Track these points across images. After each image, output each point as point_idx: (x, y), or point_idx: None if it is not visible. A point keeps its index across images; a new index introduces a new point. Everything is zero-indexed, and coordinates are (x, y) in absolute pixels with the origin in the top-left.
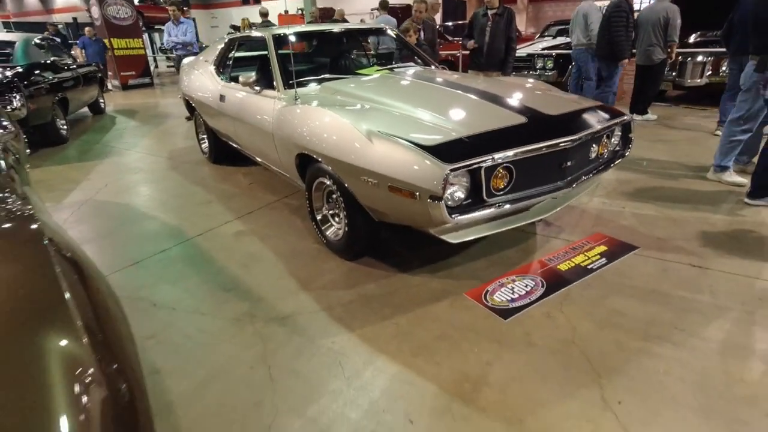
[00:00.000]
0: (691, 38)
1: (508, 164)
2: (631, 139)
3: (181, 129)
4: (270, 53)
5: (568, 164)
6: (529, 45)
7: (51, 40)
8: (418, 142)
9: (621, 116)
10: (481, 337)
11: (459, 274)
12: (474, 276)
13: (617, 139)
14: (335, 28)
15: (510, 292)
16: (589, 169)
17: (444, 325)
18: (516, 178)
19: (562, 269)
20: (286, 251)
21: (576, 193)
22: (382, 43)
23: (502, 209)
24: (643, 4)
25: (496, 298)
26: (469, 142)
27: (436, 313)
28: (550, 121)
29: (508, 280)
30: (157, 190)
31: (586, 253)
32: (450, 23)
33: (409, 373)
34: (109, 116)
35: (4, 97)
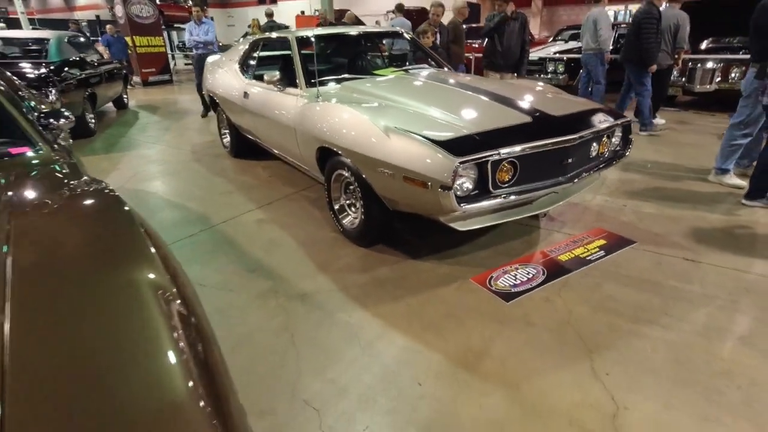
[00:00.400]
0: (703, 45)
1: (513, 159)
2: (631, 140)
3: (205, 125)
4: (293, 54)
5: (569, 161)
6: (541, 49)
7: (80, 38)
8: (430, 137)
9: (621, 118)
10: (485, 317)
11: (466, 262)
12: (480, 264)
13: (618, 140)
14: (352, 31)
15: (513, 279)
16: (590, 167)
17: (451, 306)
18: (520, 172)
19: (563, 260)
20: (304, 238)
21: (577, 189)
22: (396, 44)
23: (507, 200)
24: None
25: (500, 283)
26: (478, 138)
27: (444, 295)
28: (554, 121)
29: (511, 267)
30: (182, 181)
31: (585, 246)
32: (464, 26)
33: (418, 344)
34: (132, 111)
35: (41, 91)
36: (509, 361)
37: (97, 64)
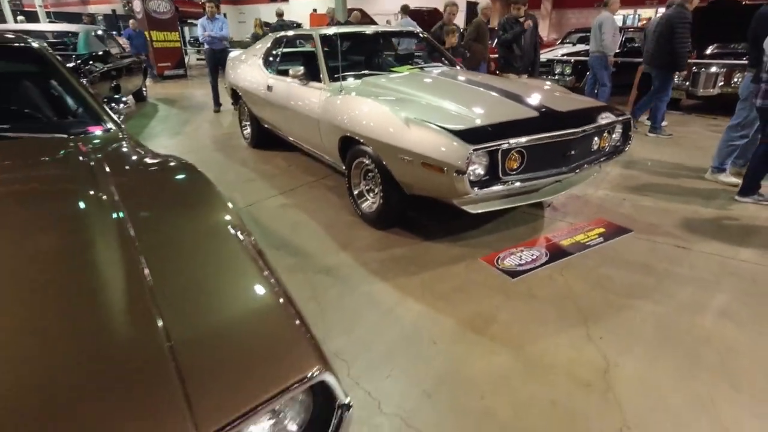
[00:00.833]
0: (708, 50)
1: (521, 149)
2: (631, 136)
3: (221, 119)
4: (317, 50)
5: (572, 153)
6: (549, 51)
7: (106, 32)
8: (447, 127)
9: (621, 115)
10: (492, 291)
11: (475, 244)
12: (488, 246)
13: (618, 136)
14: (370, 30)
15: (518, 259)
16: (591, 159)
17: (461, 281)
18: (527, 161)
19: (565, 244)
20: (326, 221)
21: (578, 180)
22: (402, 44)
23: (514, 187)
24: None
25: (506, 262)
26: (489, 129)
27: (455, 272)
28: (559, 116)
29: (517, 250)
30: (206, 169)
31: (586, 233)
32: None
33: (432, 311)
34: (150, 104)
35: None
36: (514, 327)
37: (120, 57)
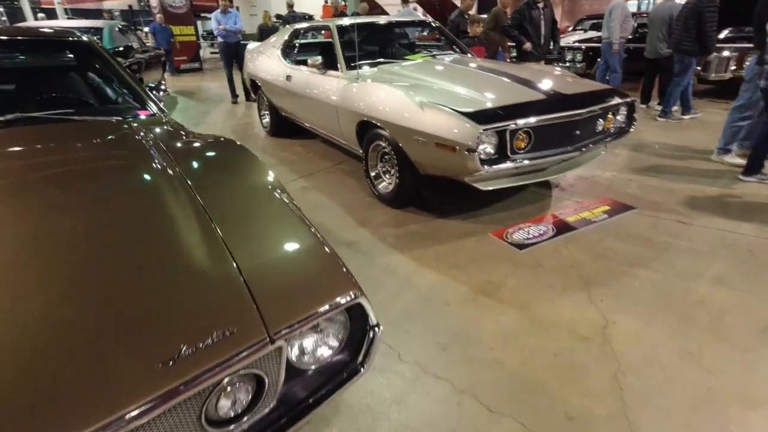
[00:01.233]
0: (722, 34)
1: (528, 129)
2: (635, 118)
3: (239, 109)
4: (334, 40)
5: (577, 133)
6: (561, 38)
7: (126, 27)
8: (458, 110)
9: (625, 98)
10: (501, 261)
11: (485, 221)
12: (498, 222)
13: (622, 117)
14: (381, 20)
15: (526, 234)
16: (596, 139)
17: (473, 252)
18: (534, 141)
19: (570, 220)
20: (344, 201)
21: (584, 160)
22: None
23: (522, 165)
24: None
25: (515, 237)
26: (498, 110)
27: (467, 245)
28: (565, 98)
29: (525, 225)
30: None
31: (592, 210)
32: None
33: (446, 278)
34: (170, 97)
35: None
36: (521, 291)
37: (141, 51)
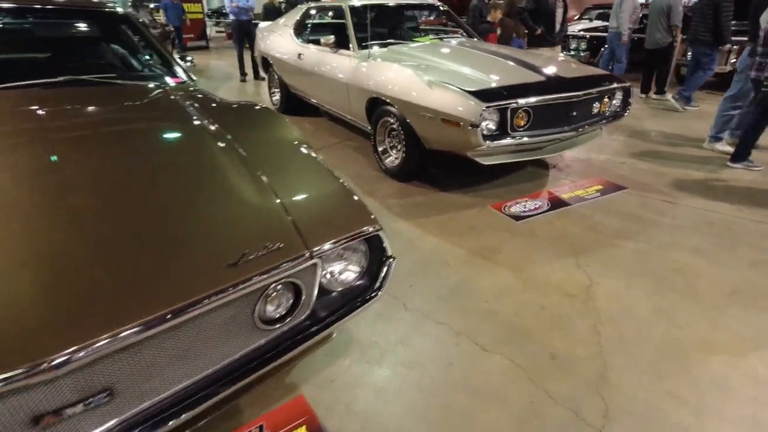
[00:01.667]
0: None
1: (528, 108)
2: (630, 103)
3: (248, 87)
4: (347, 20)
5: (574, 114)
6: (567, 26)
7: (137, 3)
8: (463, 88)
9: (621, 83)
10: (499, 230)
11: (486, 195)
12: (497, 197)
13: (618, 102)
14: (391, 3)
15: (523, 207)
16: (591, 121)
17: (472, 221)
18: (533, 120)
19: (565, 197)
20: (352, 174)
21: (580, 141)
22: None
23: (521, 142)
24: None
25: (512, 209)
26: (500, 90)
27: (467, 215)
28: (564, 81)
29: (522, 200)
30: None
31: (585, 189)
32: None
33: (447, 243)
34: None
35: None
36: (515, 256)
37: (151, 26)
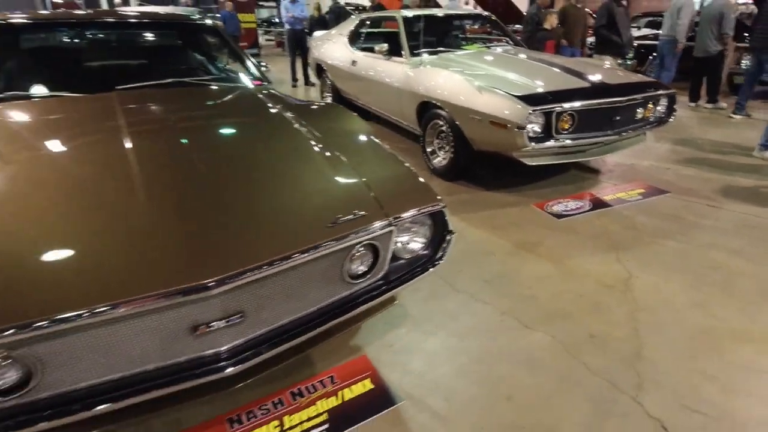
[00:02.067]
0: None
1: (572, 112)
2: (675, 109)
3: (298, 92)
4: (400, 30)
5: (617, 119)
6: None
7: (202, 14)
8: (511, 93)
9: (665, 90)
10: (540, 226)
11: (529, 195)
12: (540, 196)
13: (663, 108)
14: (440, 13)
15: (564, 207)
16: (635, 126)
17: (515, 218)
18: (577, 123)
19: (607, 199)
20: None
21: (623, 145)
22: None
23: (565, 144)
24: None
25: (554, 208)
26: (545, 94)
27: (510, 213)
28: (607, 87)
29: (564, 200)
30: None
31: (627, 192)
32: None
33: (491, 236)
34: None
35: None
36: (556, 250)
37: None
